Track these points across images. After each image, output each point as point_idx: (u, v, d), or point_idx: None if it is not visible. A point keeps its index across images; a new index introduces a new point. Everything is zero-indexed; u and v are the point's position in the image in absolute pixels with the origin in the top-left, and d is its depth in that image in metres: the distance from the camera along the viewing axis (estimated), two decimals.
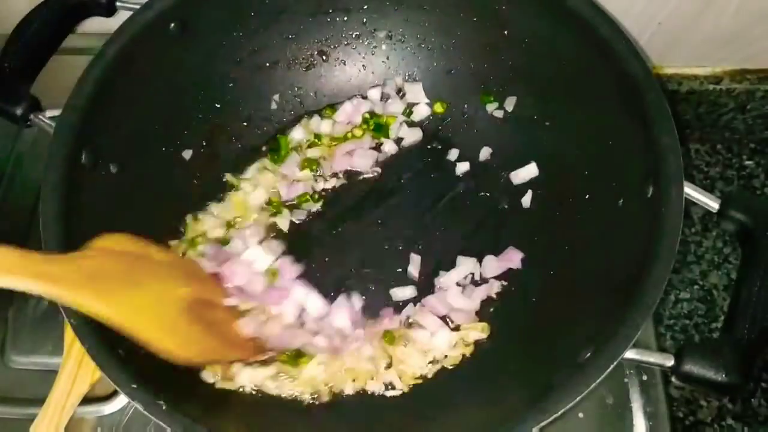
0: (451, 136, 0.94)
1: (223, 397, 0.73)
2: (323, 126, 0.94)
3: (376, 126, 0.93)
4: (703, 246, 1.18)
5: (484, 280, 0.84)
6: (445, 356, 0.79)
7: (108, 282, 0.58)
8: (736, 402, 1.07)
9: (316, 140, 0.93)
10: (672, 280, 1.14)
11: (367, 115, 0.94)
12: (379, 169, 0.92)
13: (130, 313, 0.58)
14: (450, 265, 0.84)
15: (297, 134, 0.93)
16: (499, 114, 0.92)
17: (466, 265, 0.84)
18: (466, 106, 0.94)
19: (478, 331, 0.80)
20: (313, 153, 0.92)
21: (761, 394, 1.08)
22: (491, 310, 0.82)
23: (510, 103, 0.91)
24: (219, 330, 0.70)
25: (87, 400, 0.81)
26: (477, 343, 0.80)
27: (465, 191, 0.90)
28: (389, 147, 0.93)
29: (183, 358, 0.63)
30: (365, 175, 0.92)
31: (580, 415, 0.82)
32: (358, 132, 0.93)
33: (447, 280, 0.83)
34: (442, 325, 0.80)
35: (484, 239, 0.86)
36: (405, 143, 0.94)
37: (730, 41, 1.03)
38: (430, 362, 0.79)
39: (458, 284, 0.83)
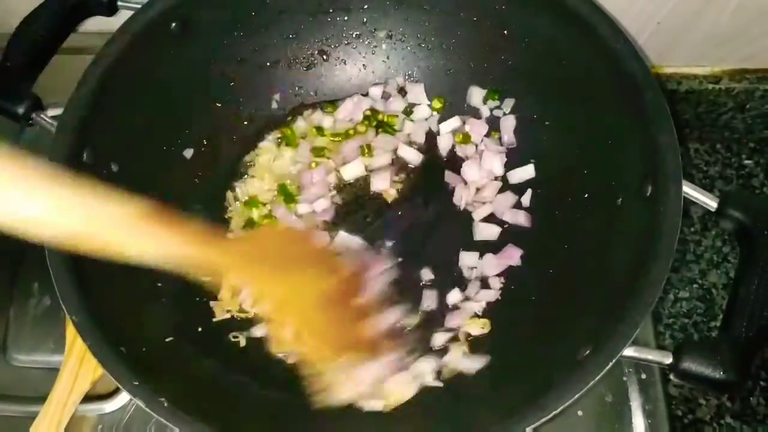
0: None
1: (223, 394, 0.73)
2: (325, 121, 0.94)
3: (378, 123, 0.93)
4: (702, 245, 1.18)
5: (485, 283, 0.84)
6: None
7: (260, 265, 0.63)
8: (734, 400, 1.07)
9: (319, 133, 0.93)
10: (671, 279, 1.15)
11: (368, 113, 0.94)
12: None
13: (274, 294, 0.62)
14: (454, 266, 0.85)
15: (300, 124, 0.94)
16: (499, 114, 0.92)
17: (469, 259, 0.84)
18: (465, 105, 0.94)
19: (479, 327, 0.80)
20: (319, 143, 0.93)
21: (760, 393, 1.08)
22: (488, 309, 0.82)
23: (509, 103, 0.91)
24: (346, 326, 0.71)
25: (88, 398, 0.81)
26: (478, 340, 0.80)
27: None
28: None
29: (310, 343, 0.66)
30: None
31: (579, 413, 0.82)
32: (361, 128, 0.93)
33: (453, 297, 0.82)
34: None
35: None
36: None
37: (730, 40, 1.03)
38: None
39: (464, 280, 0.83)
